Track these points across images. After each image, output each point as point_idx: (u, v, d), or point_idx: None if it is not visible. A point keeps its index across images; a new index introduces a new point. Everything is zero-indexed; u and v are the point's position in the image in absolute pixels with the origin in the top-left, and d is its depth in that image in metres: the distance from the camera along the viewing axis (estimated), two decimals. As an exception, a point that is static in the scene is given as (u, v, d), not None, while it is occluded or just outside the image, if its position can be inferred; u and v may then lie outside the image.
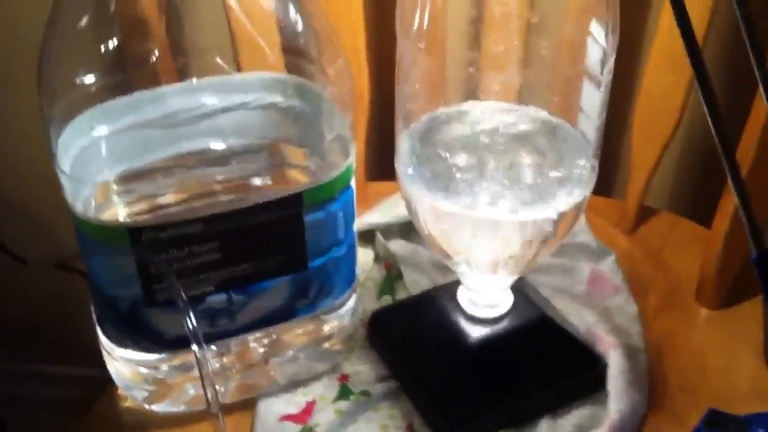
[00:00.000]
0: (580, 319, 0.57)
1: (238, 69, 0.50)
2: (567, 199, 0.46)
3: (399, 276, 0.62)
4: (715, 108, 0.35)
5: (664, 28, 0.60)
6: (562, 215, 0.46)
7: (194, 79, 0.48)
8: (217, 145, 0.49)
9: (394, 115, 0.50)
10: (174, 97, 0.48)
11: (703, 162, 0.76)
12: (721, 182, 0.59)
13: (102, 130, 0.47)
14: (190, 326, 0.39)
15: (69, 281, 0.88)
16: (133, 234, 0.44)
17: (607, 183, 0.79)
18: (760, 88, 0.37)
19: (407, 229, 0.64)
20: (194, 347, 0.39)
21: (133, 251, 0.44)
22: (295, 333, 0.53)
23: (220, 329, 0.48)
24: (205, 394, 0.39)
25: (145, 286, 0.45)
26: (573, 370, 0.53)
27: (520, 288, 0.55)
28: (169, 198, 0.50)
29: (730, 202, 0.57)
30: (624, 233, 0.67)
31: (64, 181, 0.45)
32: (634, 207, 0.66)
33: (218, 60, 0.49)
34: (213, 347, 0.50)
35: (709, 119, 0.35)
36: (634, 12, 0.71)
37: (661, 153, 0.63)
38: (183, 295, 0.40)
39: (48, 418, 0.92)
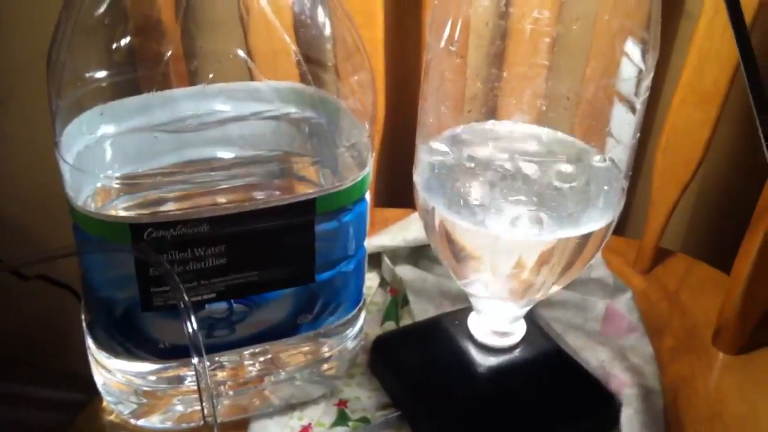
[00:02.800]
0: (593, 355, 0.54)
1: (251, 77, 0.48)
2: (595, 221, 0.44)
3: (404, 302, 0.59)
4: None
5: (692, 62, 0.58)
6: (587, 239, 0.44)
7: (207, 85, 0.46)
8: (225, 154, 0.47)
9: (403, 142, 0.48)
10: (185, 102, 0.46)
11: (719, 206, 0.74)
12: (738, 226, 0.57)
13: (109, 129, 0.44)
14: (191, 331, 0.36)
15: (53, 297, 0.85)
16: (136, 231, 0.41)
17: (620, 222, 0.77)
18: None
19: (416, 255, 0.62)
20: (193, 357, 0.36)
21: (134, 249, 0.41)
22: (293, 353, 0.50)
23: (217, 340, 0.46)
24: (202, 409, 0.36)
25: (142, 288, 0.43)
26: (586, 407, 0.51)
27: (532, 319, 0.53)
28: (171, 204, 0.47)
29: (753, 246, 0.55)
30: (639, 273, 0.65)
31: (66, 172, 0.43)
32: (651, 246, 0.64)
33: (244, 56, 0.47)
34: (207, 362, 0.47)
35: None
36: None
37: (682, 192, 0.61)
38: (186, 298, 0.37)
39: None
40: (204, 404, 0.36)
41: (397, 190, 0.69)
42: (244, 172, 0.46)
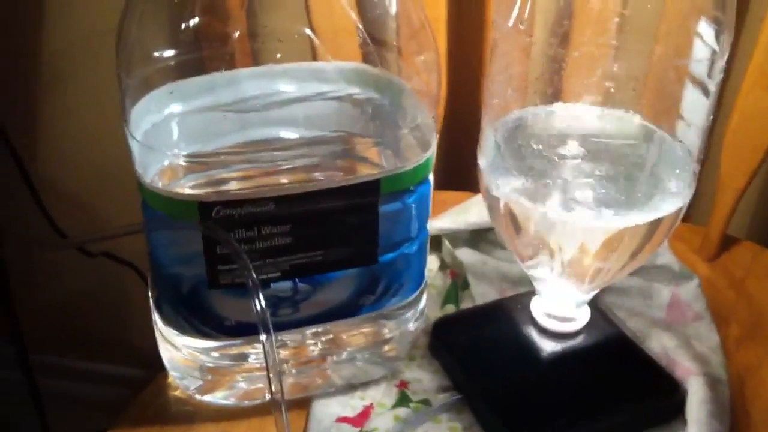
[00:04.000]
0: (658, 343, 0.53)
1: (315, 57, 0.48)
2: (666, 205, 0.43)
3: (465, 286, 0.59)
4: None
5: (764, 43, 0.57)
6: (658, 223, 0.43)
7: (272, 65, 0.46)
8: (289, 135, 0.47)
9: (463, 123, 0.48)
10: (250, 82, 0.46)
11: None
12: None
13: (176, 108, 0.45)
14: (259, 309, 0.36)
15: (117, 274, 0.87)
16: (204, 209, 0.42)
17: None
18: None
19: (477, 238, 0.62)
20: (261, 334, 0.36)
21: (203, 227, 0.42)
22: (355, 333, 0.50)
23: (281, 319, 0.46)
24: (270, 386, 0.36)
25: (209, 266, 0.43)
26: (650, 394, 0.50)
27: (596, 305, 0.52)
28: (235, 184, 0.48)
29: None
30: (705, 260, 0.63)
31: (135, 149, 0.43)
32: (718, 233, 0.62)
33: (310, 35, 0.47)
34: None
35: None
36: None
37: (751, 177, 0.60)
38: (254, 276, 0.37)
39: (86, 416, 0.91)
40: (271, 382, 0.37)
41: (455, 172, 0.68)
42: (307, 153, 0.46)
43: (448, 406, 0.50)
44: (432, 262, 0.61)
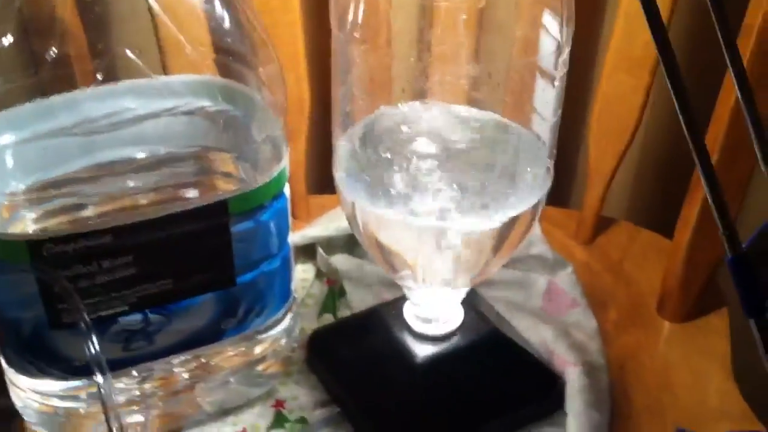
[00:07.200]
0: (536, 335, 0.53)
1: (165, 71, 0.46)
2: (520, 203, 0.42)
3: (342, 293, 0.58)
4: (685, 98, 0.31)
5: (620, 28, 0.56)
6: (515, 221, 0.42)
7: (116, 83, 0.44)
8: (140, 154, 0.45)
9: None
10: (91, 102, 0.44)
11: (661, 172, 0.73)
12: (680, 192, 0.56)
13: (7, 138, 0.42)
14: (92, 351, 0.34)
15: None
16: (33, 248, 0.39)
17: (562, 193, 0.76)
18: (731, 76, 0.34)
19: (351, 243, 0.60)
20: (97, 376, 0.34)
21: (32, 268, 0.39)
22: (226, 355, 0.48)
23: (136, 353, 0.44)
24: (109, 429, 0.34)
25: (48, 306, 0.40)
26: (529, 390, 0.49)
27: (471, 303, 0.51)
28: (88, 211, 0.45)
29: (692, 212, 0.54)
30: (581, 244, 0.63)
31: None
32: (591, 216, 0.62)
33: (139, 61, 0.45)
34: (134, 372, 0.45)
35: (678, 110, 0.32)
36: (589, 11, 0.68)
37: (619, 159, 0.60)
38: (86, 316, 0.35)
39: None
40: (111, 426, 0.34)
41: (332, 175, 0.66)
42: (161, 171, 0.44)
43: (325, 422, 0.48)
44: (308, 271, 0.59)
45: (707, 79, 0.51)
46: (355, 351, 0.51)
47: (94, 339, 0.34)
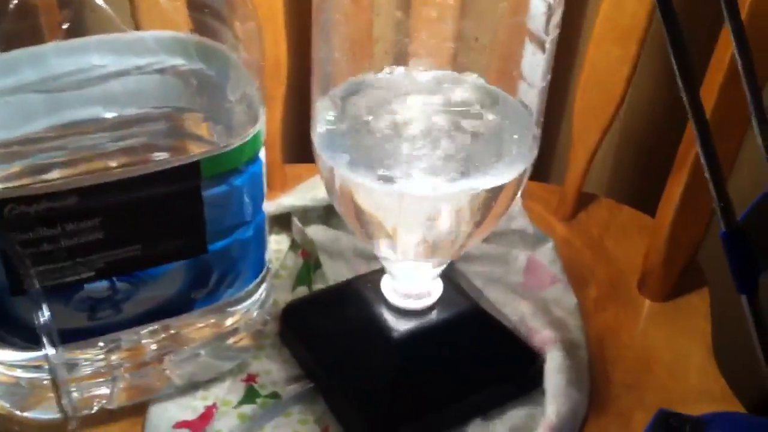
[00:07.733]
0: (514, 311, 0.52)
1: (137, 27, 0.44)
2: (506, 171, 0.41)
3: (317, 265, 0.56)
4: (686, 61, 0.30)
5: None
6: (500, 189, 0.41)
7: (85, 38, 0.42)
8: (108, 114, 0.43)
9: (311, 92, 0.44)
10: (58, 58, 0.41)
11: (643, 149, 0.72)
12: (662, 169, 0.55)
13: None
14: (41, 321, 0.32)
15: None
16: (-6, 208, 0.37)
17: (543, 168, 0.75)
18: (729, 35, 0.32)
19: (328, 214, 0.59)
20: (47, 348, 0.32)
21: (-8, 229, 0.37)
22: (196, 327, 0.46)
23: (102, 323, 0.42)
24: (59, 404, 0.32)
25: (9, 271, 0.38)
26: (507, 367, 0.48)
27: (450, 277, 0.50)
28: (54, 173, 0.43)
29: (676, 190, 0.53)
30: (562, 220, 0.62)
31: None
32: (573, 191, 0.61)
33: (110, 10, 0.42)
34: (100, 343, 0.43)
35: (677, 75, 0.30)
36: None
37: (603, 133, 0.59)
38: (35, 282, 0.33)
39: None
40: (61, 398, 0.33)
41: (309, 144, 0.65)
42: (131, 132, 0.42)
43: (298, 398, 0.47)
44: (282, 242, 0.58)
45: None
46: (330, 325, 0.50)
47: (45, 307, 0.32)
